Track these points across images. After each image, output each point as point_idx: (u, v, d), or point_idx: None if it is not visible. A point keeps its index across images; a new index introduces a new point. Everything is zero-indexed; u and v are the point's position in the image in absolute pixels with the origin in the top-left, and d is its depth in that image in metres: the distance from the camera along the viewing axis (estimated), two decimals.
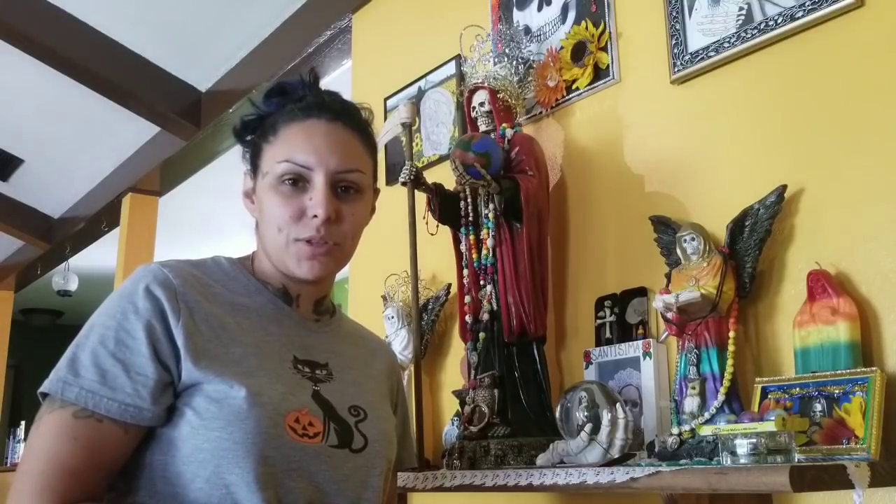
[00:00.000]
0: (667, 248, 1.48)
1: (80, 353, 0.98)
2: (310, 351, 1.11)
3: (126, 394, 0.96)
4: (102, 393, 0.95)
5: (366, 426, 1.09)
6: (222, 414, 0.96)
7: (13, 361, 6.81)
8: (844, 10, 1.34)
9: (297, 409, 1.02)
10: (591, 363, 1.60)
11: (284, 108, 1.11)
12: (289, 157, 1.07)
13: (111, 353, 0.97)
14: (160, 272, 1.03)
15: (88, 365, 0.96)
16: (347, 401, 1.09)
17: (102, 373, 0.96)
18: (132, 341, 0.98)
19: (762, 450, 1.05)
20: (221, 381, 0.98)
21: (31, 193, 5.06)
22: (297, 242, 1.06)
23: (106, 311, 1.01)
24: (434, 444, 1.92)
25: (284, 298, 1.13)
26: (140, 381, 0.96)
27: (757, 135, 1.46)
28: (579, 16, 1.80)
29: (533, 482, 1.26)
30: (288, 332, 1.10)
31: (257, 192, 1.11)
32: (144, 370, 0.97)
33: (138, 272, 1.04)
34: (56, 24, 3.26)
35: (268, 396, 0.99)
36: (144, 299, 1.00)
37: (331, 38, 2.77)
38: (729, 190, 1.47)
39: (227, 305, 1.07)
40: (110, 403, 0.95)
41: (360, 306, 2.36)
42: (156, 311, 0.99)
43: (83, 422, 0.95)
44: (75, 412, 0.95)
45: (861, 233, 1.29)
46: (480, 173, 1.58)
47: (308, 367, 1.09)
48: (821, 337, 1.25)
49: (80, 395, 0.95)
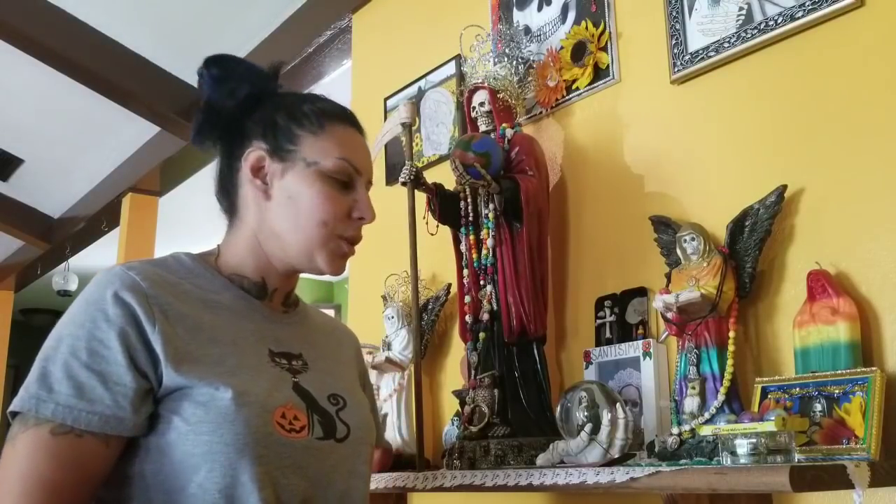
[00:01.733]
0: (667, 248, 1.48)
1: (50, 366, 0.94)
2: (283, 343, 1.10)
3: (105, 405, 0.93)
4: (80, 407, 0.92)
5: (346, 414, 1.09)
6: (210, 417, 0.94)
7: (13, 361, 6.81)
8: (844, 10, 1.34)
9: (283, 403, 1.01)
10: (591, 363, 1.60)
11: (316, 105, 1.12)
12: (347, 157, 1.09)
13: (85, 365, 0.93)
14: (126, 276, 0.99)
15: (62, 378, 0.93)
16: (326, 390, 1.09)
17: (78, 386, 0.92)
18: (106, 350, 0.94)
19: (762, 450, 1.05)
20: (206, 384, 0.96)
21: (31, 193, 5.06)
22: (340, 239, 1.09)
23: (73, 321, 0.96)
24: (434, 444, 1.92)
25: (258, 292, 1.11)
26: (119, 392, 0.93)
27: (757, 135, 1.46)
28: (579, 16, 1.80)
29: (533, 482, 1.26)
30: (260, 327, 1.09)
31: (288, 176, 1.08)
32: (122, 380, 0.94)
33: (102, 277, 1.00)
34: (56, 24, 3.26)
35: (254, 395, 0.98)
36: (114, 306, 0.96)
37: (331, 38, 2.77)
38: (729, 190, 1.47)
39: (199, 303, 1.04)
40: (90, 417, 0.92)
41: (360, 306, 2.36)
42: (128, 318, 0.96)
43: (62, 438, 0.91)
44: (52, 428, 0.91)
45: (861, 233, 1.29)
46: (480, 173, 1.57)
47: (284, 358, 1.07)
48: (821, 337, 1.25)
49: (57, 410, 0.91)
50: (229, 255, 1.12)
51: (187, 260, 1.10)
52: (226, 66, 1.12)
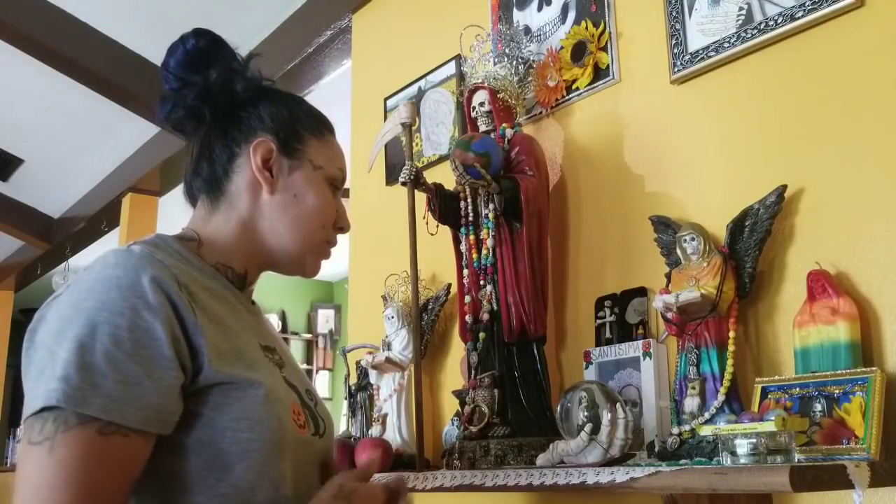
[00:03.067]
0: (667, 248, 1.48)
1: (90, 357, 0.83)
2: (263, 336, 1.06)
3: (151, 402, 0.85)
4: (128, 402, 0.83)
5: (320, 409, 1.08)
6: (248, 414, 0.90)
7: (13, 361, 6.80)
8: (844, 10, 1.34)
9: (293, 399, 1.00)
10: (591, 363, 1.60)
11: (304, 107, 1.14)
12: (342, 168, 1.15)
13: (129, 356, 0.84)
14: (153, 259, 0.92)
15: (106, 371, 0.83)
16: (304, 384, 1.07)
17: (124, 380, 0.83)
18: (151, 342, 0.86)
19: (762, 450, 1.05)
20: (243, 380, 0.92)
21: (31, 193, 5.06)
22: (327, 245, 1.12)
23: (107, 307, 0.85)
24: (434, 444, 1.92)
25: (238, 283, 1.07)
26: (164, 386, 0.86)
27: (757, 135, 1.46)
28: (579, 16, 1.80)
29: (533, 482, 1.26)
30: (246, 318, 1.04)
31: (296, 175, 1.08)
32: (168, 374, 0.86)
33: (127, 260, 0.90)
34: (56, 24, 3.26)
35: (278, 391, 0.96)
36: (154, 293, 0.87)
37: (331, 38, 2.77)
38: (729, 190, 1.47)
39: (205, 291, 0.97)
40: (137, 414, 0.83)
41: (360, 306, 2.36)
42: (169, 306, 0.88)
43: (110, 438, 0.82)
44: (100, 428, 0.82)
45: (861, 233, 1.29)
46: (480, 173, 1.57)
47: (269, 352, 1.03)
48: (821, 337, 1.25)
49: (106, 406, 0.82)
50: (215, 242, 1.05)
51: (175, 244, 1.01)
52: (219, 45, 1.11)
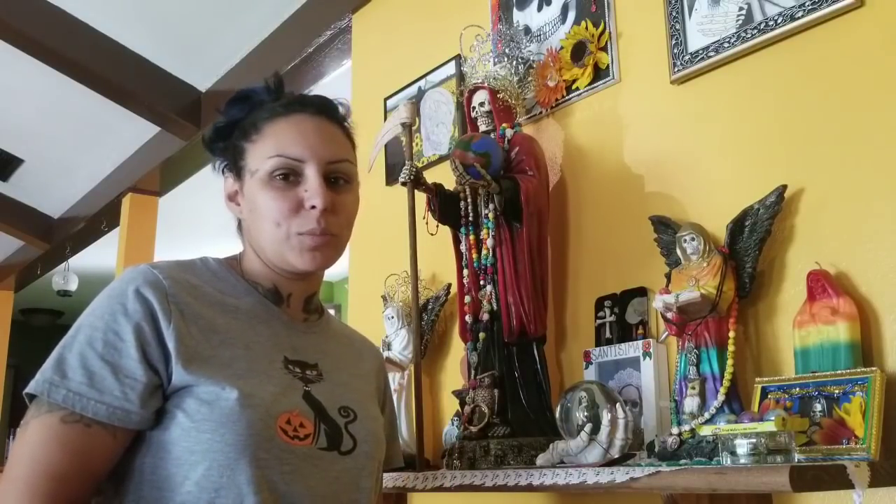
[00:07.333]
0: (667, 248, 1.48)
1: (66, 354, 0.96)
2: (300, 352, 1.11)
3: (114, 396, 0.95)
4: (90, 395, 0.94)
5: (355, 427, 1.09)
6: (213, 416, 0.96)
7: (13, 361, 6.81)
8: (844, 10, 1.34)
9: (289, 410, 1.01)
10: (591, 363, 1.60)
11: (263, 108, 1.12)
12: (280, 152, 1.07)
13: (99, 355, 0.96)
14: (150, 273, 1.02)
15: (76, 366, 0.95)
16: (338, 401, 1.09)
17: (90, 374, 0.95)
18: (121, 343, 0.97)
19: (762, 450, 1.05)
20: (213, 384, 0.97)
21: (31, 193, 5.06)
22: (300, 236, 1.06)
23: (94, 313, 0.99)
24: (434, 444, 1.92)
25: (274, 298, 1.13)
26: (128, 384, 0.96)
27: (757, 135, 1.46)
28: (579, 16, 1.80)
29: (533, 482, 1.26)
30: (277, 333, 1.10)
31: (245, 191, 1.11)
32: (133, 373, 0.96)
33: (127, 273, 1.03)
34: (56, 24, 3.26)
35: (259, 398, 0.99)
36: (134, 301, 0.99)
37: (331, 38, 2.77)
38: (729, 190, 1.47)
39: (217, 306, 1.06)
40: (98, 406, 0.94)
41: (360, 306, 2.36)
42: (146, 313, 0.98)
43: (71, 426, 0.94)
44: (63, 416, 0.94)
45: (861, 233, 1.29)
46: (480, 173, 1.58)
47: (298, 367, 1.09)
48: (821, 337, 1.25)
49: (68, 397, 0.94)
50: (244, 263, 1.15)
51: (214, 264, 1.13)
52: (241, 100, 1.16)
